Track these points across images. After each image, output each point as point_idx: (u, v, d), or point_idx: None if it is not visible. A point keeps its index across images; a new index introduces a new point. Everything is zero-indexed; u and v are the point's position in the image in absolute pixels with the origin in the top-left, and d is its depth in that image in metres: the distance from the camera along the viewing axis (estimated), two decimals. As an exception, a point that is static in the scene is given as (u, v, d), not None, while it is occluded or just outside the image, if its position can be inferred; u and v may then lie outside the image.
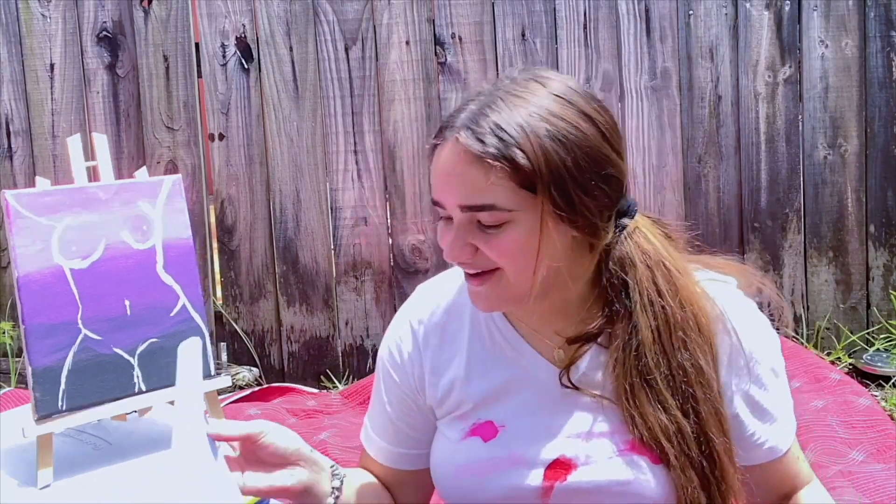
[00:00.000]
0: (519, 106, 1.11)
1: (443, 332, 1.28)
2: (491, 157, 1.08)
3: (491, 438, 1.22)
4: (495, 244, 1.11)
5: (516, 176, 1.08)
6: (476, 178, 1.09)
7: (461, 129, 1.11)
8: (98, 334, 1.58)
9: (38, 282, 1.53)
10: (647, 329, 1.16)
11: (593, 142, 1.12)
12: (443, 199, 1.14)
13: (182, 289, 1.67)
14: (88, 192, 1.62)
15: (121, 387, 1.59)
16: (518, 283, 1.14)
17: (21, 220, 1.54)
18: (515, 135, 1.09)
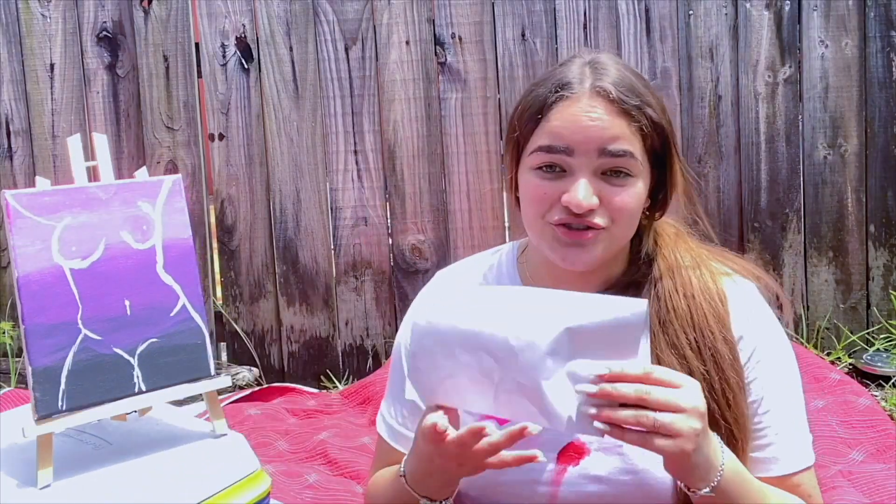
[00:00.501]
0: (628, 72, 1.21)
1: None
2: (636, 109, 1.16)
3: (505, 422, 1.21)
4: (620, 198, 1.17)
5: (645, 136, 1.18)
6: (620, 127, 1.16)
7: (600, 81, 1.17)
8: (98, 334, 1.58)
9: (37, 282, 1.53)
10: (669, 274, 1.21)
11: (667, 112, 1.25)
12: (578, 145, 1.17)
13: (182, 289, 1.67)
14: (88, 192, 1.62)
15: (121, 387, 1.59)
16: (618, 241, 1.21)
17: (21, 220, 1.54)
18: (644, 93, 1.19)
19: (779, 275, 3.00)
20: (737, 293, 1.25)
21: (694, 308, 1.20)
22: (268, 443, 2.36)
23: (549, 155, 1.17)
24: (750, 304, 1.25)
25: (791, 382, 1.25)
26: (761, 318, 1.25)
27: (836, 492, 1.98)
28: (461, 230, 2.98)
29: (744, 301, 1.25)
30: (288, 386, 2.89)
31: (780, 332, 1.26)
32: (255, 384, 2.94)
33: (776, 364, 1.23)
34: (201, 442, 1.65)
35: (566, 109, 1.17)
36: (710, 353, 1.18)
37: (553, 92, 1.19)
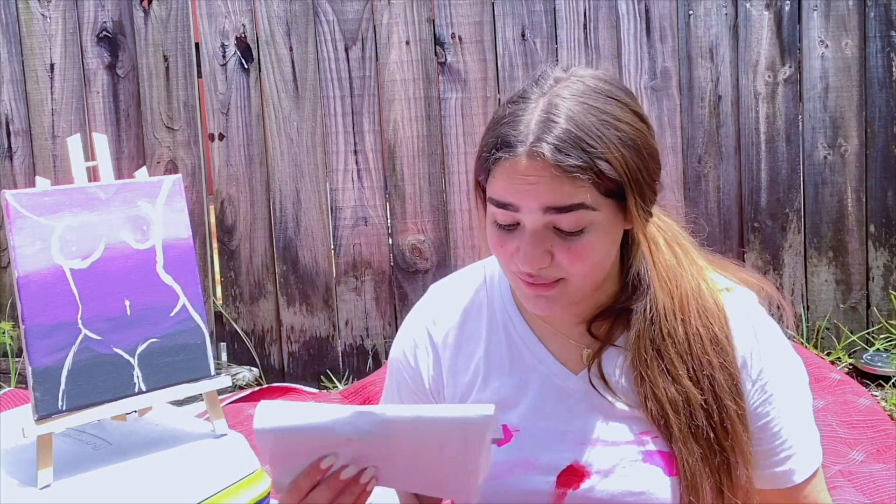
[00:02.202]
0: (587, 112, 1.10)
1: (460, 332, 1.27)
2: (579, 171, 1.07)
3: (505, 443, 1.21)
4: (576, 249, 1.10)
5: (601, 185, 1.09)
6: (563, 186, 1.08)
7: (539, 143, 1.08)
8: (98, 334, 1.58)
9: (38, 282, 1.53)
10: (665, 297, 1.17)
11: (649, 139, 1.17)
12: (522, 203, 1.09)
13: (182, 289, 1.67)
14: (88, 192, 1.62)
15: (121, 387, 1.59)
16: (583, 286, 1.15)
17: (21, 220, 1.54)
18: (597, 145, 1.08)
19: (779, 275, 3.00)
20: (738, 310, 1.21)
21: (691, 334, 1.16)
22: (268, 443, 2.35)
23: (498, 210, 1.12)
24: (752, 321, 1.21)
25: (800, 392, 1.23)
26: (764, 334, 1.21)
27: (836, 492, 1.99)
28: (461, 230, 2.98)
29: (745, 318, 1.21)
30: (288, 386, 2.89)
31: (784, 344, 1.23)
32: (255, 384, 2.95)
33: (785, 380, 1.21)
34: (201, 442, 1.65)
35: (506, 170, 1.09)
36: (708, 383, 1.15)
37: (495, 149, 1.11)
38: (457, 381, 1.26)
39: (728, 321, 1.19)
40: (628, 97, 1.15)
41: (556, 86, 1.12)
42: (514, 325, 1.24)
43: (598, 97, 1.12)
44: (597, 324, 1.20)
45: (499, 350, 1.24)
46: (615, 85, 1.15)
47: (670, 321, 1.16)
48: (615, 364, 1.19)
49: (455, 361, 1.26)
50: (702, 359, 1.15)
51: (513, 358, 1.24)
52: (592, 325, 1.20)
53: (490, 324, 1.26)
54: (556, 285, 1.13)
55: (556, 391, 1.21)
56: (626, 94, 1.16)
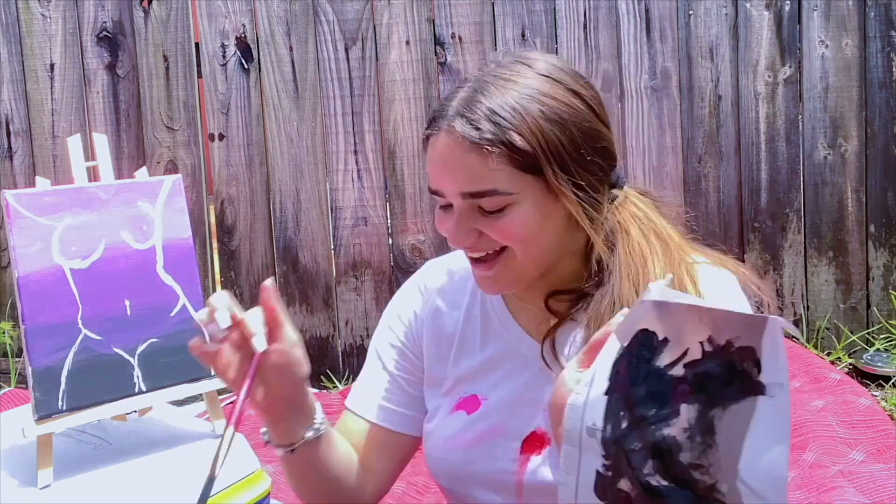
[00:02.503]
0: (509, 89, 1.12)
1: (443, 301, 1.32)
2: (488, 143, 1.09)
3: (474, 411, 1.25)
4: (499, 227, 1.13)
5: (516, 159, 1.10)
6: (475, 165, 1.10)
7: (455, 118, 1.12)
8: (98, 334, 1.58)
9: (38, 282, 1.53)
10: (628, 284, 1.15)
11: (585, 117, 1.14)
12: (442, 188, 1.15)
13: (182, 289, 1.67)
14: (88, 192, 1.62)
15: (121, 387, 1.59)
16: (525, 262, 1.16)
17: (21, 220, 1.54)
18: (510, 118, 1.10)
19: (779, 275, 3.00)
20: (711, 279, 1.19)
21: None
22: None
23: (433, 195, 1.17)
24: (723, 290, 1.18)
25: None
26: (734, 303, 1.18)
27: (836, 492, 1.99)
28: (461, 230, 2.98)
29: (717, 286, 1.18)
30: (288, 386, 2.89)
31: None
32: (255, 384, 2.94)
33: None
34: (201, 442, 1.65)
35: (433, 150, 1.15)
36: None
37: (427, 125, 1.17)
38: (436, 347, 1.31)
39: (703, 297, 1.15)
40: (568, 76, 1.16)
41: (496, 67, 1.16)
42: (490, 299, 1.29)
43: (530, 76, 1.14)
44: (555, 300, 1.22)
45: (474, 321, 1.29)
46: (558, 66, 1.17)
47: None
48: (571, 338, 1.20)
49: (434, 326, 1.32)
50: None
51: (485, 329, 1.28)
52: (550, 300, 1.22)
53: (471, 296, 1.30)
54: (496, 262, 1.16)
55: (521, 360, 1.24)
56: (570, 74, 1.17)
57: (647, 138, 2.96)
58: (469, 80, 1.17)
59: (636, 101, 2.95)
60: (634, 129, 2.96)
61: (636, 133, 2.96)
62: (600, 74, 2.95)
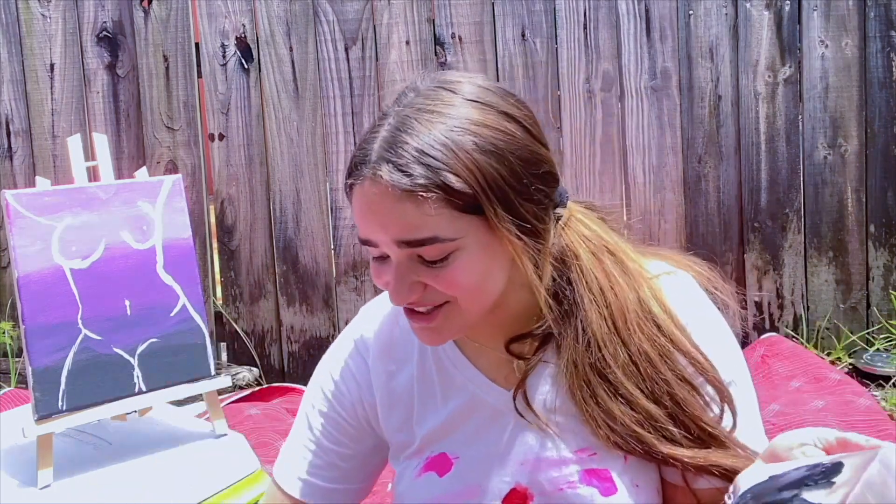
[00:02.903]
0: (436, 122, 0.99)
1: (391, 357, 1.19)
2: (422, 188, 0.96)
3: (446, 472, 1.13)
4: (446, 278, 1.01)
5: (454, 201, 0.97)
6: (410, 213, 0.97)
7: (380, 164, 0.98)
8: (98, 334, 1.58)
9: (38, 282, 1.53)
10: (599, 319, 1.05)
11: (522, 142, 1.02)
12: (375, 238, 1.01)
13: (182, 289, 1.67)
14: (88, 192, 1.62)
15: (121, 387, 1.59)
16: (471, 310, 1.04)
17: (21, 220, 1.54)
18: (442, 157, 0.97)
19: (779, 275, 3.00)
20: (676, 291, 1.11)
21: (635, 354, 1.05)
22: (268, 443, 2.36)
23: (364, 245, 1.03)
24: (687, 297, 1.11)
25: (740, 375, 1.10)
26: (699, 307, 1.12)
27: (836, 492, 1.98)
28: (461, 230, 2.98)
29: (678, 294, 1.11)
30: (288, 386, 2.89)
31: (721, 321, 1.13)
32: (255, 384, 2.94)
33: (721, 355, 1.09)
34: (201, 442, 1.66)
35: (359, 199, 1.00)
36: (669, 399, 1.03)
37: (347, 175, 1.02)
38: (392, 411, 1.19)
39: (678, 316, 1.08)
40: (497, 97, 1.04)
41: (416, 98, 1.02)
42: (442, 346, 1.15)
43: (456, 103, 1.01)
44: (517, 345, 1.10)
45: (429, 374, 1.17)
46: (483, 87, 1.04)
47: (610, 344, 1.05)
48: (541, 380, 1.10)
49: (388, 388, 1.19)
50: (655, 378, 1.04)
51: (444, 381, 1.15)
52: (511, 346, 1.10)
53: (420, 346, 1.17)
54: (437, 315, 1.04)
55: (490, 412, 1.13)
56: (497, 94, 1.04)
57: (647, 138, 2.96)
58: (389, 116, 1.02)
59: (636, 101, 2.95)
60: (634, 129, 2.96)
61: (636, 133, 2.96)
62: (600, 74, 2.95)
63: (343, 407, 1.22)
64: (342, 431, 1.22)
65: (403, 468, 1.18)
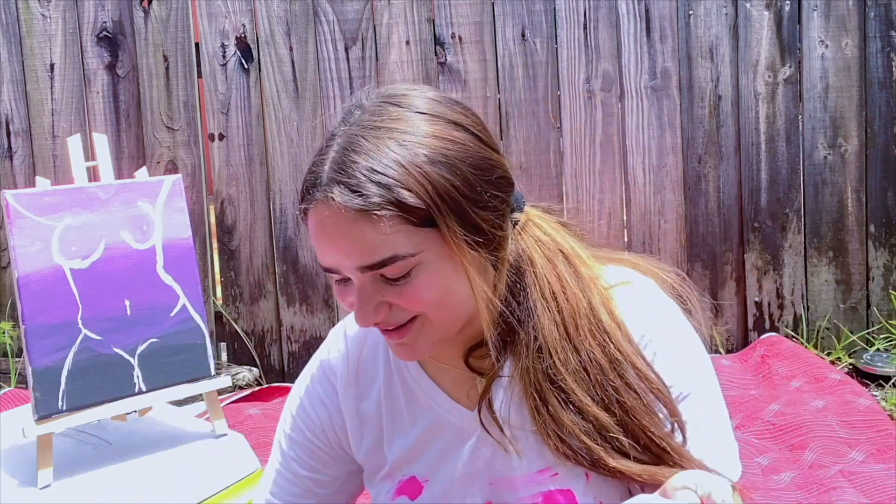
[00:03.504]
0: (384, 138, 0.98)
1: (358, 381, 1.18)
2: (376, 207, 0.95)
3: (418, 496, 1.13)
4: (409, 295, 1.00)
5: (408, 218, 0.96)
6: (367, 235, 0.96)
7: (331, 186, 0.96)
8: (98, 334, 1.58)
9: (38, 282, 1.53)
10: (550, 325, 1.05)
11: (473, 149, 1.01)
12: (336, 265, 1.00)
13: (182, 289, 1.67)
14: (88, 192, 1.62)
15: (121, 387, 1.59)
16: (442, 324, 1.04)
17: (21, 220, 1.54)
18: (394, 173, 0.96)
19: (779, 275, 3.00)
20: (630, 300, 1.10)
21: (586, 360, 1.04)
22: (268, 443, 2.35)
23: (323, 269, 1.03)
24: (644, 303, 1.10)
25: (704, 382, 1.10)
26: (659, 315, 1.10)
27: (836, 492, 1.99)
28: (461, 230, 2.98)
29: (637, 303, 1.09)
30: (288, 386, 2.89)
31: (684, 328, 1.11)
32: (255, 384, 2.95)
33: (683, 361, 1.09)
34: (201, 442, 1.66)
35: (312, 225, 1.00)
36: (618, 407, 1.03)
37: (301, 198, 1.01)
38: (360, 436, 1.18)
39: (627, 327, 1.07)
40: (443, 106, 1.03)
41: (362, 115, 1.01)
42: (406, 365, 1.15)
43: (403, 117, 1.00)
44: (475, 356, 1.10)
45: (396, 396, 1.16)
46: (430, 98, 1.03)
47: (561, 351, 1.04)
48: (502, 396, 1.09)
49: (356, 413, 1.18)
50: (605, 384, 1.04)
51: (410, 403, 1.15)
52: (470, 358, 1.10)
53: (385, 366, 1.17)
54: (409, 329, 1.03)
55: (456, 432, 1.12)
56: (443, 103, 1.03)
57: (647, 138, 2.96)
58: (336, 136, 1.00)
59: (636, 101, 2.95)
60: (634, 129, 2.96)
61: (636, 133, 2.96)
62: (600, 74, 2.95)
63: (314, 433, 1.20)
64: (316, 458, 1.20)
65: (377, 492, 1.17)
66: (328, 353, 1.21)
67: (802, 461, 2.17)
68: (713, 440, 1.07)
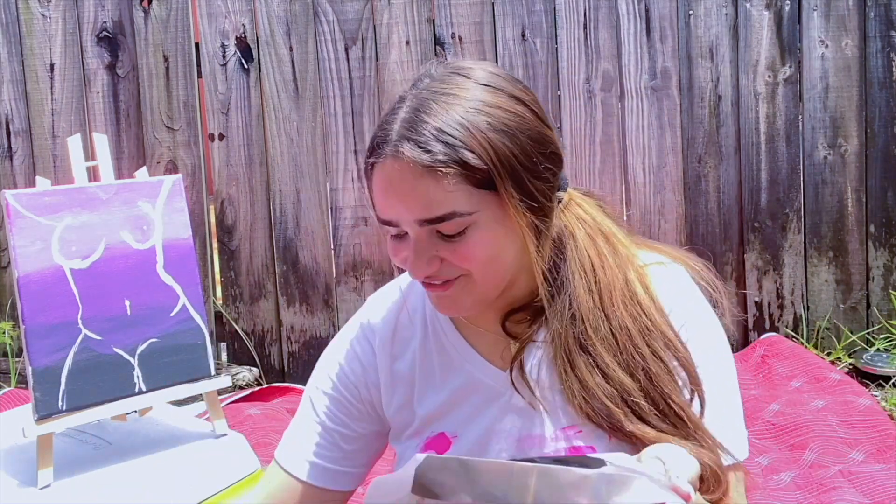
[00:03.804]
0: (453, 104, 1.06)
1: (394, 341, 1.25)
2: (441, 164, 1.03)
3: (445, 451, 1.18)
4: (462, 251, 1.07)
5: (471, 177, 1.04)
6: (430, 190, 1.04)
7: (401, 142, 1.05)
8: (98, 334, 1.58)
9: (38, 282, 1.53)
10: (586, 295, 1.12)
11: (531, 123, 1.10)
12: (396, 217, 1.07)
13: (182, 289, 1.67)
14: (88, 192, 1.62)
15: (121, 387, 1.59)
16: (486, 283, 1.11)
17: (21, 220, 1.54)
18: (460, 135, 1.04)
19: (779, 275, 3.00)
20: (663, 279, 1.17)
21: (616, 328, 1.11)
22: (268, 443, 2.36)
23: (384, 225, 1.10)
24: (677, 287, 1.17)
25: (721, 366, 1.16)
26: (688, 298, 1.17)
27: (836, 492, 1.99)
28: (461, 230, 2.98)
29: (669, 283, 1.17)
30: (288, 386, 2.89)
31: (709, 314, 1.18)
32: (255, 384, 2.95)
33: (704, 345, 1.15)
34: (201, 442, 1.66)
35: (378, 179, 1.07)
36: (643, 374, 1.09)
37: (368, 155, 1.09)
38: (392, 393, 1.23)
39: (660, 301, 1.14)
40: (506, 82, 1.11)
41: (432, 82, 1.10)
42: (443, 328, 1.22)
43: (470, 87, 1.08)
44: (512, 321, 1.17)
45: (430, 356, 1.22)
46: (494, 73, 1.12)
47: (594, 317, 1.11)
48: (534, 359, 1.16)
49: (390, 372, 1.24)
50: (632, 351, 1.10)
51: (443, 362, 1.21)
52: (507, 321, 1.17)
53: (422, 329, 1.23)
54: (453, 284, 1.10)
55: (486, 390, 1.18)
56: (507, 79, 1.12)
57: (647, 138, 2.96)
58: (406, 99, 1.09)
59: (636, 101, 2.95)
60: (634, 129, 2.96)
61: (636, 133, 2.96)
62: (600, 74, 2.95)
63: (347, 389, 1.27)
64: (346, 413, 1.26)
65: (404, 448, 1.23)
66: (368, 315, 1.28)
67: (802, 461, 2.17)
68: (724, 424, 1.13)
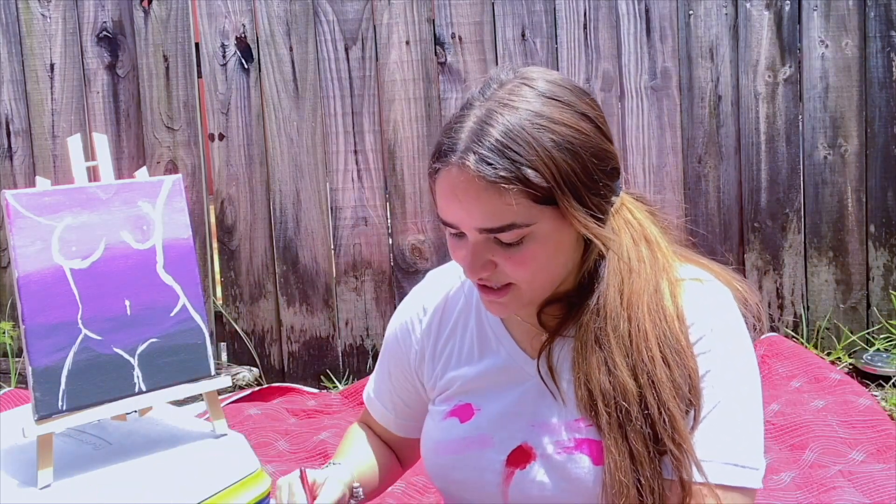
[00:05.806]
0: (520, 118, 1.10)
1: (442, 318, 1.34)
2: (504, 180, 1.07)
3: (467, 420, 1.26)
4: (517, 259, 1.12)
5: (532, 193, 1.08)
6: (492, 202, 1.08)
7: (467, 154, 1.09)
8: (98, 334, 1.58)
9: (38, 282, 1.53)
10: (615, 294, 1.16)
11: (595, 141, 1.13)
12: (457, 222, 1.13)
13: (182, 289, 1.67)
14: (88, 192, 1.62)
15: (121, 387, 1.59)
16: (534, 291, 1.16)
17: (21, 220, 1.54)
18: (525, 153, 1.08)
19: (779, 275, 3.00)
20: (695, 296, 1.18)
21: (634, 329, 1.14)
22: (268, 443, 2.36)
23: (442, 223, 1.16)
24: (706, 302, 1.18)
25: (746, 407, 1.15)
26: (716, 316, 1.17)
27: (836, 492, 1.99)
28: (461, 230, 2.98)
29: (702, 299, 1.18)
30: (288, 386, 2.89)
31: (741, 348, 1.17)
32: (255, 384, 2.94)
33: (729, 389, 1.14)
34: (201, 442, 1.65)
35: (442, 184, 1.12)
36: (647, 378, 1.11)
37: (433, 159, 1.14)
38: (434, 364, 1.33)
39: (685, 313, 1.16)
40: (574, 96, 1.14)
41: (499, 91, 1.13)
42: (486, 313, 1.28)
43: (538, 100, 1.11)
44: (546, 313, 1.22)
45: (470, 336, 1.30)
46: (562, 85, 1.15)
47: (616, 316, 1.15)
48: (562, 351, 1.21)
49: (435, 345, 1.33)
50: (643, 354, 1.13)
51: (481, 342, 1.29)
52: (542, 313, 1.22)
53: (466, 310, 1.32)
54: (505, 291, 1.16)
55: (514, 374, 1.25)
56: (574, 93, 1.15)
57: (647, 138, 2.96)
58: (474, 106, 1.13)
59: (636, 101, 2.95)
60: (634, 129, 2.96)
61: (636, 133, 2.96)
62: (600, 74, 2.95)
63: (405, 355, 1.38)
64: (404, 375, 1.39)
65: (434, 410, 1.33)
66: (426, 290, 1.38)
67: (802, 461, 2.17)
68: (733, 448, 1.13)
